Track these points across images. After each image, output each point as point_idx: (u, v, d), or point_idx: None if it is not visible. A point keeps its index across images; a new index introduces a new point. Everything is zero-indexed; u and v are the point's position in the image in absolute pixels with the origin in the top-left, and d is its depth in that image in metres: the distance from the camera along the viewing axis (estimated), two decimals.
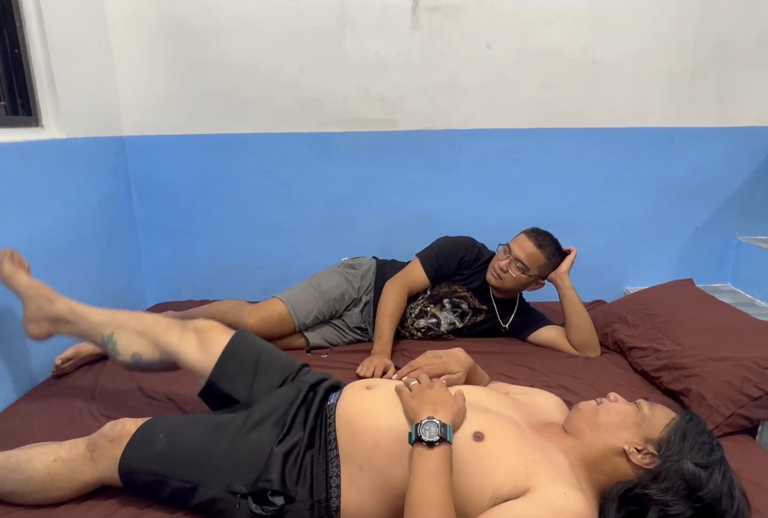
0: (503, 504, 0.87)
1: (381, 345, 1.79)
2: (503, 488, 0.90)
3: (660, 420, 1.01)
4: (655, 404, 1.07)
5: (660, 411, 1.04)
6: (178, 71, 2.21)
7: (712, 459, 0.95)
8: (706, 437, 0.99)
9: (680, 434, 0.98)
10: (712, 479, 0.93)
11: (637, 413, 1.03)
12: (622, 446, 0.99)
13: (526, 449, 0.96)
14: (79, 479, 1.11)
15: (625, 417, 1.03)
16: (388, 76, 2.21)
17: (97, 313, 1.39)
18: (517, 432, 1.00)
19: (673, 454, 0.95)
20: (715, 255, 2.44)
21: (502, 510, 0.87)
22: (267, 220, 2.40)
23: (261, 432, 1.12)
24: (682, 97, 2.25)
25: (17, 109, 1.78)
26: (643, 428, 1.01)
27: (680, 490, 0.93)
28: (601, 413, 1.05)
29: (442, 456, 0.92)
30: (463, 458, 0.95)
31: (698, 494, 0.93)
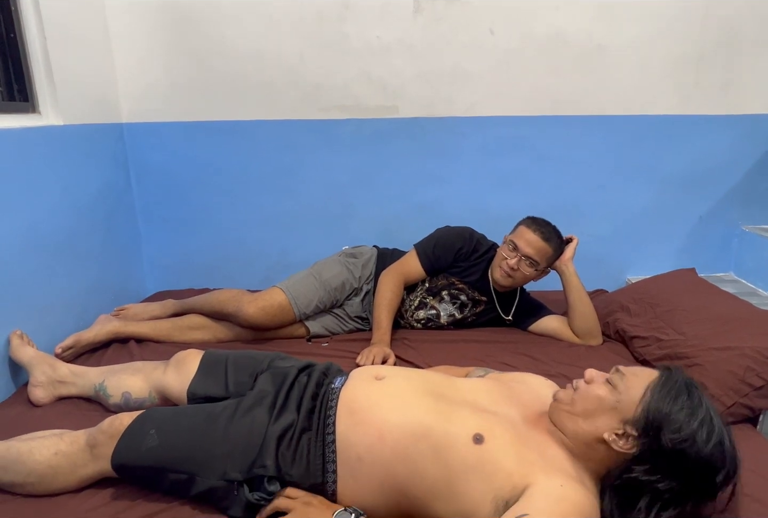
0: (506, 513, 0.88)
1: (380, 335, 1.78)
2: (503, 490, 0.92)
3: (634, 394, 0.97)
4: (630, 370, 1.02)
5: (634, 382, 0.98)
6: (178, 57, 2.18)
7: (691, 425, 0.92)
8: (683, 400, 0.94)
9: (654, 408, 0.94)
10: (696, 447, 0.91)
11: (612, 393, 0.99)
12: (602, 435, 0.97)
13: (523, 449, 0.98)
14: (80, 473, 1.12)
15: (601, 402, 0.99)
16: (390, 62, 2.18)
17: (93, 370, 1.52)
18: (514, 432, 1.02)
19: (651, 432, 0.93)
20: (718, 244, 2.42)
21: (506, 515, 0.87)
22: (267, 208, 2.39)
23: (253, 417, 1.12)
24: (688, 84, 2.22)
25: (14, 95, 1.75)
26: (619, 409, 0.97)
27: (665, 467, 0.92)
28: (577, 402, 1.02)
29: None
30: (466, 461, 0.97)
31: (684, 466, 0.92)
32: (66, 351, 1.69)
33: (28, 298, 1.66)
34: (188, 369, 1.34)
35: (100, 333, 1.78)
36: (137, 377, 1.42)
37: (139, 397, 1.40)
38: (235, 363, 1.34)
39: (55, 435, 1.17)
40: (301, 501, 1.01)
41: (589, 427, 0.99)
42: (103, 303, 2.02)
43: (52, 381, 1.49)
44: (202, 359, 1.36)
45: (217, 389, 1.29)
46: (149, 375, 1.41)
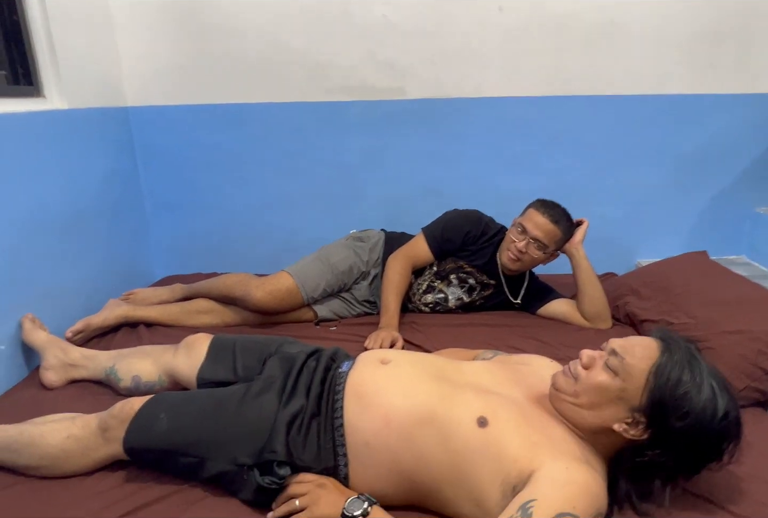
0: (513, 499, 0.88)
1: (388, 319, 1.78)
2: (510, 475, 0.92)
3: (637, 380, 0.95)
4: (628, 351, 0.97)
5: (634, 366, 0.95)
6: (182, 39, 2.16)
7: (697, 406, 0.92)
8: (686, 379, 0.92)
9: (659, 394, 0.93)
10: (704, 425, 0.92)
11: (614, 380, 0.96)
12: (611, 426, 0.97)
13: (527, 431, 0.97)
14: (92, 456, 1.13)
15: (605, 393, 0.97)
16: (397, 42, 2.14)
17: (104, 353, 1.54)
18: (519, 413, 1.01)
19: (659, 418, 0.93)
20: (730, 226, 2.39)
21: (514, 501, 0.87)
22: (275, 190, 2.38)
23: (261, 402, 1.12)
24: (703, 62, 2.16)
25: (18, 79, 1.74)
26: (624, 398, 0.96)
27: (676, 448, 0.94)
28: (580, 394, 0.99)
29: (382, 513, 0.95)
30: (469, 445, 0.97)
31: (694, 444, 0.94)
32: (76, 335, 1.70)
33: (39, 283, 1.67)
34: (197, 353, 1.35)
35: (109, 317, 1.79)
36: (147, 361, 1.43)
37: (149, 381, 1.41)
38: (244, 348, 1.34)
39: (67, 419, 1.19)
40: (314, 484, 1.01)
41: (595, 419, 0.99)
42: (111, 287, 2.03)
43: (64, 365, 1.51)
44: (210, 344, 1.36)
45: (226, 374, 1.29)
46: (159, 358, 1.41)
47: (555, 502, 0.84)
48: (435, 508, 1.03)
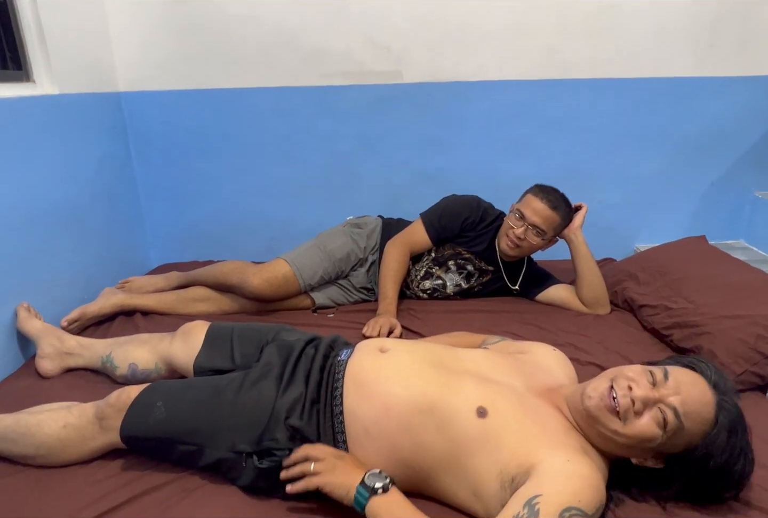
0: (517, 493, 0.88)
1: (386, 306, 1.77)
2: (509, 466, 0.92)
3: (681, 441, 0.94)
4: (688, 414, 0.92)
5: (688, 432, 0.93)
6: (174, 23, 2.11)
7: (735, 459, 0.94)
8: (724, 456, 0.93)
9: (692, 458, 0.94)
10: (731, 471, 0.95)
11: (662, 436, 0.93)
12: (632, 459, 0.99)
13: (527, 422, 0.97)
14: (89, 445, 1.13)
15: (646, 444, 0.95)
16: (393, 25, 2.10)
17: (100, 342, 1.52)
18: (518, 403, 1.00)
19: (680, 465, 0.96)
20: (729, 211, 2.38)
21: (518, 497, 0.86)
22: (270, 177, 2.35)
23: (259, 390, 1.12)
24: (703, 44, 2.13)
25: (6, 63, 1.71)
26: (661, 447, 0.95)
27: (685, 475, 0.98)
28: (620, 436, 0.95)
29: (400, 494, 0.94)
30: (468, 435, 0.97)
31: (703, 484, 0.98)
32: (72, 324, 1.69)
33: (33, 272, 1.65)
34: (194, 340, 1.34)
35: (105, 306, 1.78)
36: (144, 349, 1.42)
37: (146, 369, 1.40)
38: (241, 335, 1.33)
39: (64, 408, 1.18)
40: (332, 454, 1.00)
41: (618, 451, 0.99)
42: (107, 275, 2.01)
43: (60, 353, 1.50)
44: (207, 332, 1.35)
45: (224, 362, 1.28)
46: (156, 346, 1.41)
47: (561, 497, 0.84)
48: (433, 495, 1.03)
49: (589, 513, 0.84)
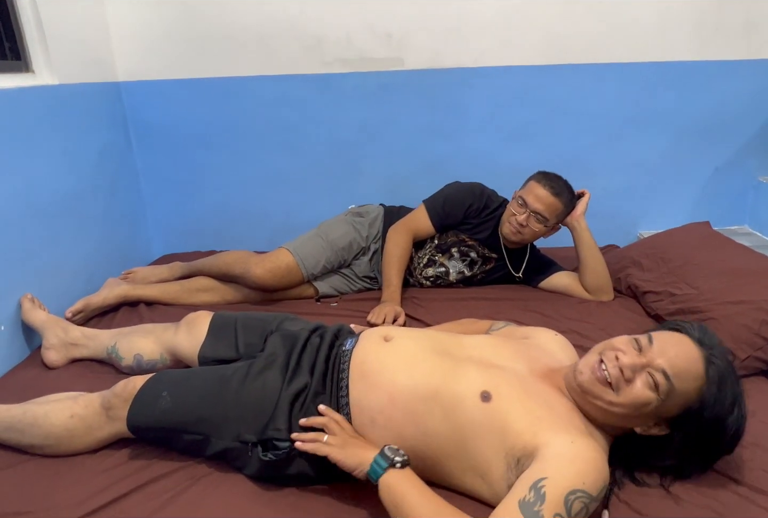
0: (522, 476, 0.88)
1: (390, 293, 1.77)
2: (514, 448, 0.93)
3: (677, 401, 0.95)
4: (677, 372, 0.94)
5: (681, 390, 0.94)
6: (173, 12, 2.09)
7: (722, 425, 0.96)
8: (723, 399, 0.95)
9: (693, 415, 0.95)
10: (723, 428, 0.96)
11: (656, 399, 0.94)
12: (635, 429, 1.00)
13: (531, 405, 0.97)
14: (96, 434, 1.14)
15: (642, 409, 0.96)
16: (394, 11, 2.08)
17: (104, 332, 1.54)
18: (521, 387, 1.01)
19: (682, 427, 0.97)
20: (733, 196, 2.37)
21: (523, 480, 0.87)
22: (271, 166, 2.34)
23: (265, 380, 1.12)
24: (708, 27, 2.11)
25: (5, 53, 1.70)
26: (660, 412, 0.96)
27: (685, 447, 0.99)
28: (615, 405, 0.96)
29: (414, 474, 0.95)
30: (474, 420, 0.97)
31: (707, 437, 0.98)
32: (76, 315, 1.69)
33: (36, 263, 1.66)
34: (199, 330, 1.34)
35: (108, 296, 1.78)
36: (148, 339, 1.42)
37: (151, 359, 1.41)
38: (245, 325, 1.34)
39: (70, 398, 1.19)
40: (347, 433, 1.02)
41: (620, 423, 1.00)
42: (110, 266, 2.02)
43: (65, 344, 1.50)
44: (211, 321, 1.36)
45: (228, 351, 1.29)
46: (160, 336, 1.41)
47: (565, 480, 0.85)
48: (440, 481, 1.04)
49: (593, 495, 0.85)
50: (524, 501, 0.83)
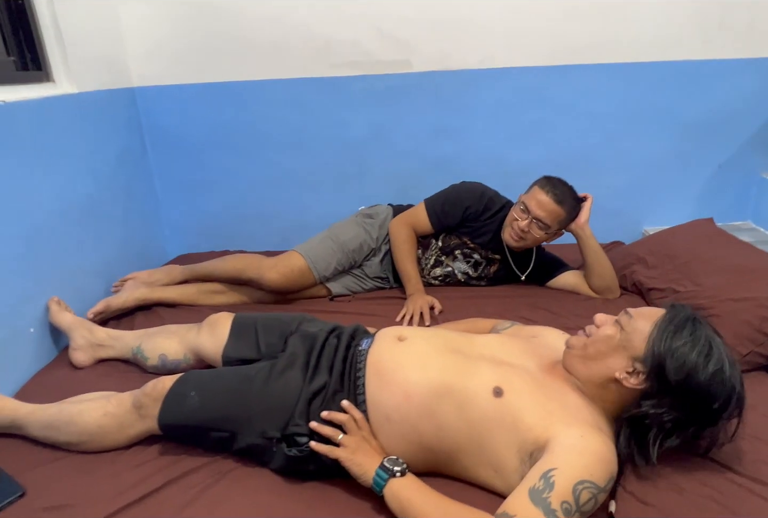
0: (534, 467, 0.93)
1: (413, 285, 1.84)
2: (527, 442, 0.98)
3: (641, 331, 1.01)
4: (638, 311, 1.06)
5: (641, 321, 1.03)
6: (185, 17, 2.14)
7: (691, 357, 0.97)
8: (686, 333, 0.99)
9: (658, 343, 0.99)
10: (695, 378, 0.97)
11: (621, 332, 1.04)
12: (613, 374, 1.02)
13: (541, 399, 1.02)
14: (128, 432, 1.20)
15: (610, 342, 1.04)
16: (401, 14, 2.12)
17: (129, 334, 1.59)
18: (532, 382, 1.06)
19: (657, 367, 0.98)
20: (736, 192, 2.41)
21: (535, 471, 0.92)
22: (282, 167, 2.39)
23: (287, 379, 1.18)
24: (710, 27, 2.14)
25: (27, 65, 1.75)
26: (627, 347, 1.02)
27: (670, 399, 0.99)
28: (589, 346, 1.06)
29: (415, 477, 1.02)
30: (487, 414, 1.02)
31: (687, 397, 0.98)
32: (97, 316, 1.75)
33: (61, 266, 1.72)
34: (220, 331, 1.40)
35: (129, 299, 1.84)
36: (172, 340, 1.48)
37: (175, 359, 1.47)
38: (265, 326, 1.39)
39: (103, 397, 1.25)
40: (361, 436, 1.08)
41: (600, 368, 1.04)
42: (129, 267, 2.06)
43: (91, 345, 1.56)
44: (233, 322, 1.42)
45: (250, 351, 1.35)
46: (183, 337, 1.47)
47: (574, 470, 0.90)
48: (454, 475, 1.09)
49: (600, 485, 0.90)
50: (534, 489, 0.89)
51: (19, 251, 1.53)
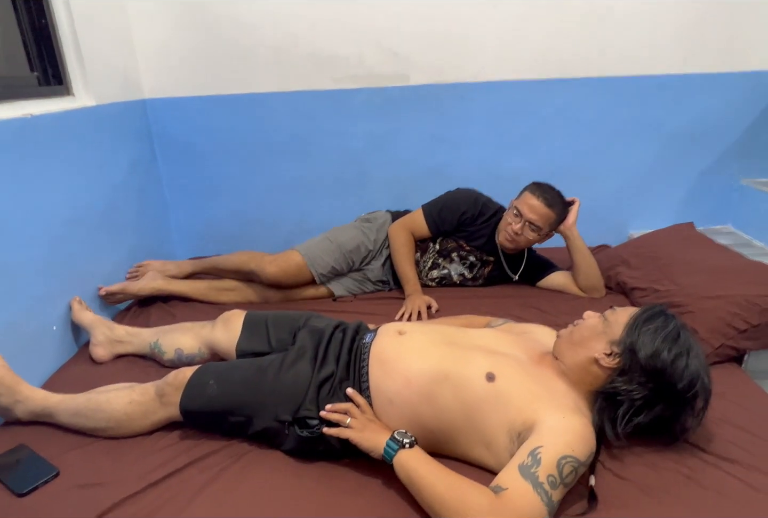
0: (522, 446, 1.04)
1: (412, 286, 1.95)
2: (516, 423, 1.09)
3: (620, 321, 1.16)
4: (622, 308, 1.21)
5: (621, 314, 1.18)
6: (194, 33, 2.26)
7: (657, 342, 1.11)
8: (657, 323, 1.13)
9: (634, 328, 1.13)
10: (661, 359, 1.10)
11: (603, 322, 1.18)
12: (593, 355, 1.15)
13: (530, 384, 1.14)
14: (151, 418, 1.30)
15: (593, 330, 1.18)
16: (399, 31, 2.25)
17: (146, 331, 1.70)
18: (522, 370, 1.18)
19: (630, 349, 1.12)
20: (717, 198, 2.53)
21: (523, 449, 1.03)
22: (285, 175, 2.51)
23: (297, 369, 1.29)
24: (690, 43, 2.27)
25: (48, 79, 1.86)
26: (607, 333, 1.16)
27: (639, 377, 1.12)
28: (575, 333, 1.21)
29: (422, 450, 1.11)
30: (480, 397, 1.13)
31: (654, 376, 1.11)
32: (111, 295, 1.90)
33: (79, 269, 1.82)
34: (234, 327, 1.52)
35: (145, 288, 1.97)
36: (188, 335, 1.59)
37: (191, 353, 1.58)
38: (275, 322, 1.51)
39: (127, 387, 1.35)
40: (366, 417, 1.19)
41: (583, 351, 1.17)
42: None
43: (111, 341, 1.67)
44: (245, 319, 1.53)
45: (261, 345, 1.46)
46: (198, 333, 1.58)
47: (558, 447, 1.01)
48: (451, 453, 1.20)
49: (581, 459, 1.01)
50: (523, 464, 1.00)
51: (43, 254, 1.63)
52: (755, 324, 1.53)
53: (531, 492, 0.96)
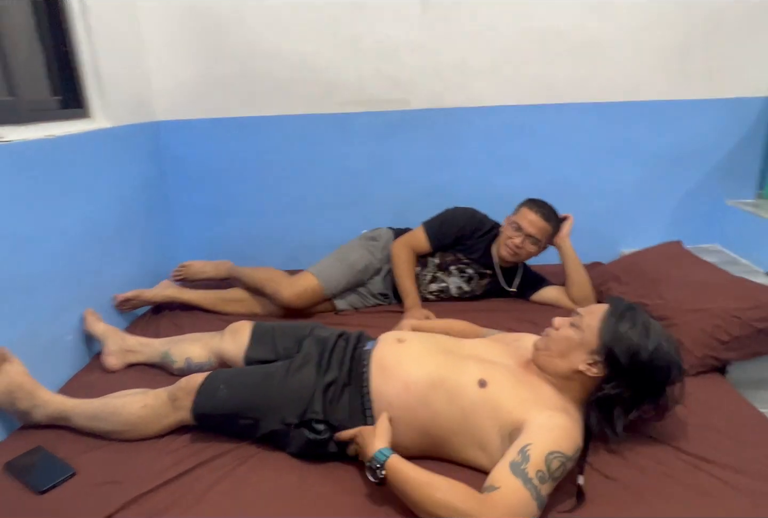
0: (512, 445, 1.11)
1: (411, 300, 2.03)
2: (506, 424, 1.17)
3: (592, 328, 1.21)
4: (586, 310, 1.27)
5: (590, 319, 1.23)
6: (204, 60, 2.38)
7: (633, 340, 1.17)
8: (626, 322, 1.19)
9: (606, 335, 1.19)
10: (639, 356, 1.17)
11: (577, 332, 1.23)
12: (578, 367, 1.22)
13: (519, 390, 1.22)
14: (164, 422, 1.37)
15: (569, 342, 1.24)
16: (400, 58, 2.37)
17: (156, 341, 1.77)
18: (511, 376, 1.25)
19: (610, 355, 1.19)
20: (704, 218, 2.62)
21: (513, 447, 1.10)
22: (289, 195, 2.61)
23: (303, 375, 1.36)
24: (674, 71, 2.40)
25: (68, 103, 1.97)
26: (584, 343, 1.22)
27: (624, 379, 1.19)
28: (551, 347, 1.26)
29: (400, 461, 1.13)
30: (473, 401, 1.21)
31: (637, 374, 1.18)
32: (126, 302, 1.99)
33: (92, 282, 1.90)
34: (242, 337, 1.60)
35: (158, 295, 2.07)
36: (197, 345, 1.67)
37: (200, 362, 1.65)
38: (281, 332, 1.59)
39: (140, 392, 1.42)
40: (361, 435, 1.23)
41: (565, 364, 1.24)
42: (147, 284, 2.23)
43: (123, 351, 1.75)
44: (252, 329, 1.61)
45: (268, 354, 1.53)
46: (207, 343, 1.66)
47: (545, 444, 1.08)
48: (446, 456, 1.27)
49: (568, 454, 1.09)
50: (513, 462, 1.07)
51: (59, 267, 1.71)
52: (736, 336, 1.60)
53: (521, 488, 1.03)
